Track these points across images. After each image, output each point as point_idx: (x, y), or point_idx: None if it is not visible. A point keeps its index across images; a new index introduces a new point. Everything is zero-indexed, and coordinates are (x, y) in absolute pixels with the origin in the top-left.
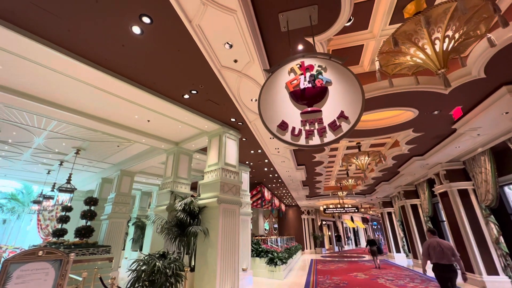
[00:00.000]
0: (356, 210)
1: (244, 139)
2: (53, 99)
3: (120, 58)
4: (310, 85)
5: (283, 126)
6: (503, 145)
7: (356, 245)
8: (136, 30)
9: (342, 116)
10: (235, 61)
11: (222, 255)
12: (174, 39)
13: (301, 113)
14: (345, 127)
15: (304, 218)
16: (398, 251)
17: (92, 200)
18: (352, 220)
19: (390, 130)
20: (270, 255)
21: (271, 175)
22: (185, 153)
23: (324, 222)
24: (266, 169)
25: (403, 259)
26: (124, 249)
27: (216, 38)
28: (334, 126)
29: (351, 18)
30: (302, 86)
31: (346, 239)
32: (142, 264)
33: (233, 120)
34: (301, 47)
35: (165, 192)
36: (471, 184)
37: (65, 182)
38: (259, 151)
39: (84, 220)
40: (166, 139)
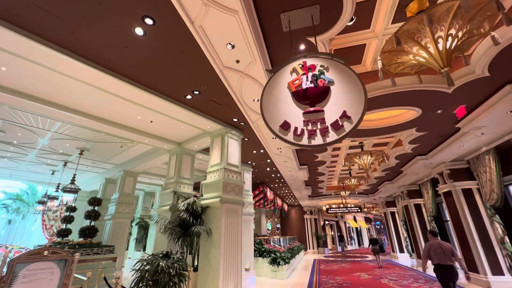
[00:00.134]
0: (359, 210)
1: (246, 139)
2: (57, 100)
3: (123, 59)
4: (312, 85)
5: (285, 126)
6: (507, 144)
7: (359, 245)
8: (139, 31)
9: (344, 115)
10: (237, 61)
11: (225, 255)
12: (177, 40)
13: (303, 113)
14: (347, 126)
15: (306, 218)
16: (401, 251)
17: (96, 201)
18: (355, 220)
19: (393, 129)
20: (272, 255)
21: (273, 175)
22: (187, 153)
23: (326, 222)
24: (268, 169)
25: (406, 259)
26: (127, 249)
27: (218, 38)
28: (336, 126)
29: (353, 17)
30: (304, 86)
31: (349, 239)
32: (145, 264)
33: (235, 120)
34: (303, 47)
35: (168, 192)
36: (476, 184)
37: (69, 182)
38: (262, 151)
39: (88, 220)
40: (168, 139)
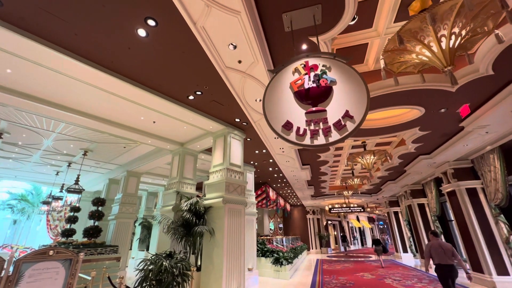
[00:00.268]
0: (362, 210)
1: (248, 139)
2: (60, 102)
3: (125, 61)
4: (314, 84)
5: (288, 126)
6: None
7: (362, 245)
8: (142, 32)
9: (347, 115)
10: (239, 61)
11: (228, 254)
12: (179, 41)
13: (305, 113)
14: (350, 126)
15: (309, 218)
16: (405, 251)
17: (100, 201)
18: (358, 219)
19: (396, 128)
20: (275, 255)
21: (276, 175)
22: (190, 153)
23: (329, 222)
24: (270, 169)
25: (410, 259)
26: (131, 249)
27: (220, 39)
28: (339, 126)
29: (355, 16)
30: (306, 86)
31: (352, 239)
32: (149, 263)
33: (237, 120)
34: (305, 47)
35: (171, 193)
36: (480, 183)
37: (73, 183)
38: (264, 151)
39: (92, 220)
40: (171, 140)
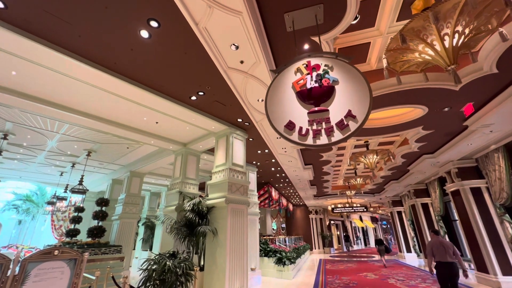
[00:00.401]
0: (365, 210)
1: (251, 139)
2: (64, 103)
3: (128, 62)
4: (316, 84)
5: (290, 126)
6: None
7: (365, 244)
8: (144, 34)
9: (349, 115)
10: (242, 62)
11: (231, 254)
12: (181, 42)
13: (308, 112)
14: (352, 126)
15: (312, 218)
16: (408, 251)
17: (103, 201)
18: (361, 219)
19: (399, 128)
20: (278, 255)
21: (278, 175)
22: (193, 154)
23: (332, 222)
24: (273, 169)
25: (414, 259)
26: (134, 248)
27: (222, 39)
28: (341, 125)
29: (357, 15)
30: (308, 86)
31: (355, 239)
32: (152, 263)
33: (239, 120)
34: (307, 47)
35: (173, 193)
36: (485, 182)
37: (77, 183)
38: (266, 151)
39: (96, 221)
40: (174, 140)
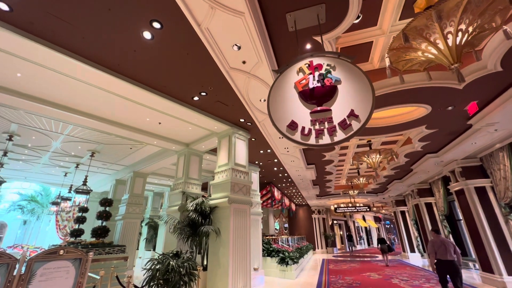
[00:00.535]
0: (368, 209)
1: (253, 139)
2: (68, 104)
3: (131, 63)
4: (319, 84)
5: (292, 126)
6: None
7: (368, 244)
8: (147, 35)
9: (352, 114)
10: (244, 62)
11: (233, 254)
12: (184, 42)
13: (310, 112)
14: (355, 125)
15: (314, 218)
16: (412, 250)
17: (107, 201)
18: (364, 219)
19: (402, 127)
20: (281, 255)
21: (280, 175)
22: (195, 154)
23: (335, 222)
24: (275, 168)
25: (418, 259)
26: (138, 248)
27: (224, 40)
28: (344, 125)
29: (360, 15)
30: (311, 86)
31: (358, 239)
32: (156, 263)
33: (242, 120)
34: (309, 46)
35: (176, 193)
36: (489, 182)
37: (81, 184)
38: (268, 151)
39: (99, 221)
40: (176, 140)
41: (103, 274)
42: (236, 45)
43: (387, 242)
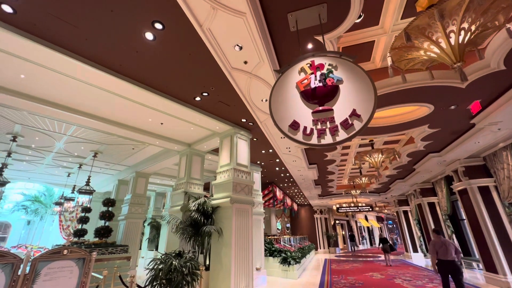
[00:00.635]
0: (370, 209)
1: (255, 139)
2: (71, 105)
3: (133, 64)
4: (321, 84)
5: (294, 125)
6: None
7: (371, 244)
8: (149, 36)
9: (354, 114)
10: (245, 62)
11: (236, 254)
12: (185, 43)
13: (312, 112)
14: (357, 125)
15: (316, 217)
16: (415, 250)
17: (110, 201)
18: (366, 219)
19: (404, 126)
20: (283, 255)
21: (282, 175)
22: (197, 154)
23: (337, 221)
24: (277, 168)
25: (420, 259)
26: (140, 248)
27: (226, 40)
28: (346, 125)
29: (361, 14)
30: (312, 85)
31: (360, 239)
32: (159, 263)
33: (244, 120)
34: (310, 46)
35: (179, 193)
36: (493, 181)
37: (84, 184)
38: (270, 150)
39: (102, 221)
40: (178, 140)
41: (106, 273)
42: (237, 45)
43: (389, 241)
